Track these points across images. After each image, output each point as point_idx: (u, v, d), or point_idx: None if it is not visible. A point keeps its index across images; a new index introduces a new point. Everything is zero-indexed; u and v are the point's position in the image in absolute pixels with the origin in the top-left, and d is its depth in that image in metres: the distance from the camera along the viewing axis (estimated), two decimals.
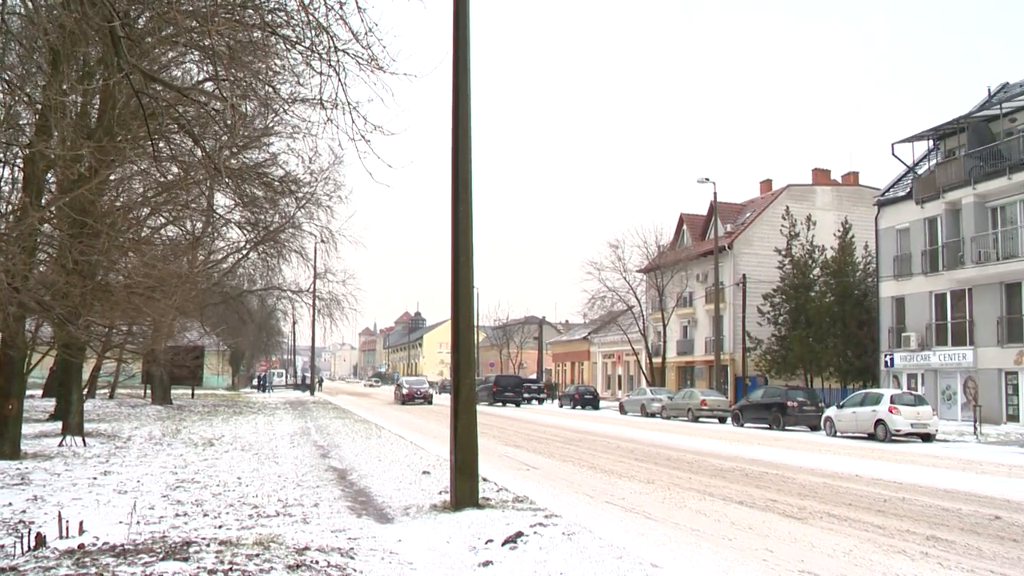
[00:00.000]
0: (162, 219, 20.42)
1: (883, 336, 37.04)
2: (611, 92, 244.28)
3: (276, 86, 12.63)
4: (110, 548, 7.35)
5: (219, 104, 10.84)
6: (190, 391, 46.92)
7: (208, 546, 7.46)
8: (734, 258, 48.99)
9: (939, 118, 33.96)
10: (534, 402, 53.76)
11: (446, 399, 32.22)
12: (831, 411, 27.58)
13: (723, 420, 35.01)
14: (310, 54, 10.15)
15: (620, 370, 66.21)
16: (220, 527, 8.69)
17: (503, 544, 7.77)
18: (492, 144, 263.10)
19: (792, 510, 10.95)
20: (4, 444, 14.75)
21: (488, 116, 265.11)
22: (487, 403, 46.73)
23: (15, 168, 14.73)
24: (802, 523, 9.97)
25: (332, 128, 10.08)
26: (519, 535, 7.98)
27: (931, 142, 36.78)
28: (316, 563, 6.93)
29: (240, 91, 11.51)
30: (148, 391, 39.79)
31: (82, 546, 7.41)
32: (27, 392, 17.89)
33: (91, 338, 18.83)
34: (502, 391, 48.81)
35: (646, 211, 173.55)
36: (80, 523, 8.27)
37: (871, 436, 24.89)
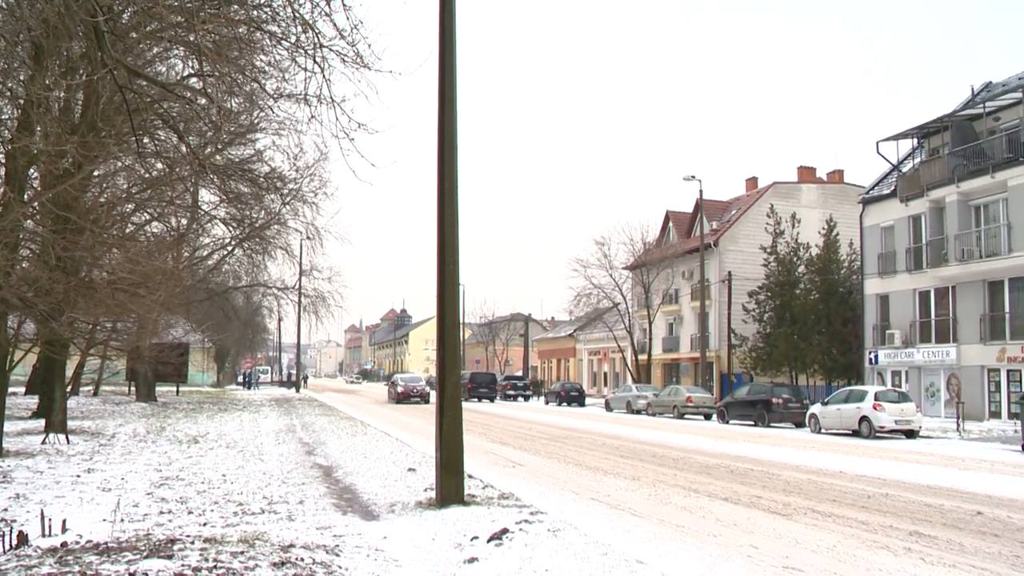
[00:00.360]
0: (147, 215, 20.32)
1: (867, 333, 37.25)
2: (599, 89, 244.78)
3: (262, 82, 12.59)
4: (93, 546, 7.30)
5: (204, 100, 10.79)
6: (175, 388, 46.66)
7: (193, 544, 7.43)
8: (720, 255, 49.13)
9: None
10: (520, 399, 53.78)
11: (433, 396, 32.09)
12: (816, 408, 27.71)
13: (708, 417, 35.09)
14: (296, 50, 10.14)
15: (606, 367, 66.35)
16: (205, 525, 8.66)
17: (488, 541, 7.77)
18: (478, 141, 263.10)
19: (777, 506, 11.01)
20: None
21: (474, 113, 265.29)
22: (464, 399, 46.96)
23: None
24: (787, 519, 10.02)
25: (317, 125, 10.08)
26: (505, 532, 7.99)
27: (916, 140, 36.98)
28: (301, 560, 6.92)
29: (225, 87, 11.47)
30: (133, 388, 39.54)
31: (65, 544, 7.36)
32: (9, 389, 17.75)
33: (75, 335, 18.74)
34: (477, 387, 50.12)
35: (633, 208, 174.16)
36: (63, 521, 8.21)
37: (855, 433, 25.05)
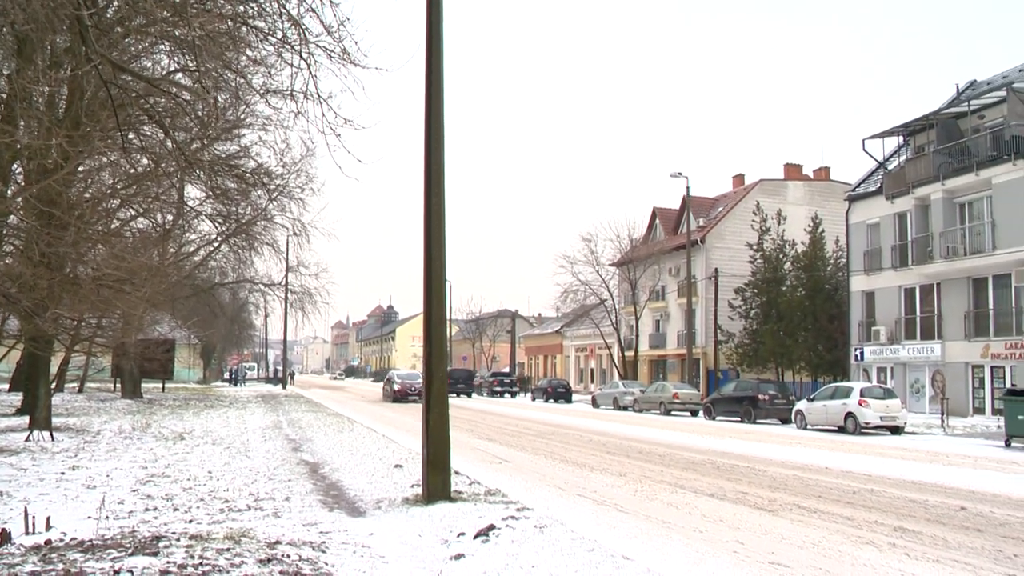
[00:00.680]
0: (132, 211, 20.21)
1: (853, 330, 37.44)
2: (588, 85, 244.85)
3: (248, 78, 12.55)
4: (78, 543, 7.27)
5: (190, 95, 10.74)
6: (161, 385, 46.46)
7: (178, 540, 7.40)
8: (706, 252, 49.24)
9: None
10: (507, 396, 53.85)
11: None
12: (802, 404, 27.85)
13: (695, 413, 35.22)
14: (283, 46, 10.10)
15: (592, 363, 66.44)
16: (191, 522, 8.63)
17: (475, 537, 7.78)
18: (465, 137, 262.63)
19: (763, 502, 11.06)
20: None
21: (462, 109, 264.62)
22: None
23: None
24: (772, 515, 10.07)
25: (303, 121, 10.06)
26: (491, 528, 7.99)
27: (901, 138, 37.13)
28: (287, 557, 6.90)
29: (211, 82, 11.41)
30: (118, 385, 39.31)
31: (49, 542, 7.32)
32: None
33: (59, 331, 18.61)
34: (454, 383, 50.44)
35: (619, 205, 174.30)
36: (47, 519, 8.15)
37: (841, 429, 25.18)
